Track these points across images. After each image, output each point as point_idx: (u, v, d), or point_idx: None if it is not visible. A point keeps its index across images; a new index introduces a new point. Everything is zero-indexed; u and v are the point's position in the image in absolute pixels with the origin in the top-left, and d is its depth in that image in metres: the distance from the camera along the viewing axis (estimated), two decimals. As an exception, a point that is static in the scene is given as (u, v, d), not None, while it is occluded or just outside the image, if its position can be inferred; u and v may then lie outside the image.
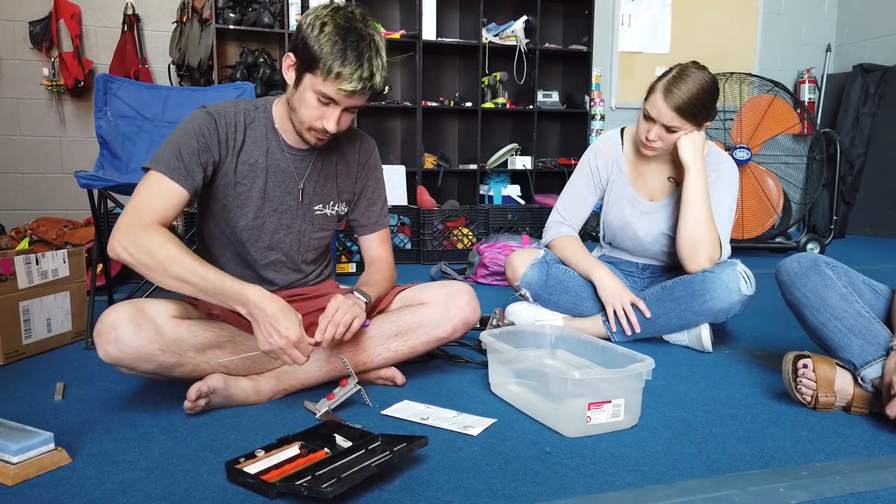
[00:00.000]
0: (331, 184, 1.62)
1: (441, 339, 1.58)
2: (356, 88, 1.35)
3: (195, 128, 1.44)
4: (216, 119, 1.46)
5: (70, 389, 1.56)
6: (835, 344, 1.46)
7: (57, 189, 4.00)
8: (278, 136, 1.53)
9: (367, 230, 1.71)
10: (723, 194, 1.98)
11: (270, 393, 1.47)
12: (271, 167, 1.53)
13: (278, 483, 1.04)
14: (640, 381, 1.36)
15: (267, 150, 1.52)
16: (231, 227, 1.55)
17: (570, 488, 1.10)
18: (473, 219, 3.82)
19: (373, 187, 1.69)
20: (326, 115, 1.41)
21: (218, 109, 1.48)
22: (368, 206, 1.70)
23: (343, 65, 1.33)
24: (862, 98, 5.14)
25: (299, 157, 1.56)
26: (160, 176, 1.39)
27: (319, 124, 1.42)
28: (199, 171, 1.42)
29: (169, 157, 1.41)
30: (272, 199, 1.54)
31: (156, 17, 4.05)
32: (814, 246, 4.01)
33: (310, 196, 1.59)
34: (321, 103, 1.39)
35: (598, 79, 4.93)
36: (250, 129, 1.51)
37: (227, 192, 1.51)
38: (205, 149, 1.44)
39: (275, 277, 1.62)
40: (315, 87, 1.37)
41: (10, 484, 1.08)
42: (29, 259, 1.88)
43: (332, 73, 1.34)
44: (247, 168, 1.51)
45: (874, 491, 1.10)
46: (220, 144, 1.46)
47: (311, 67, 1.36)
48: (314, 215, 1.61)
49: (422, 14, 4.13)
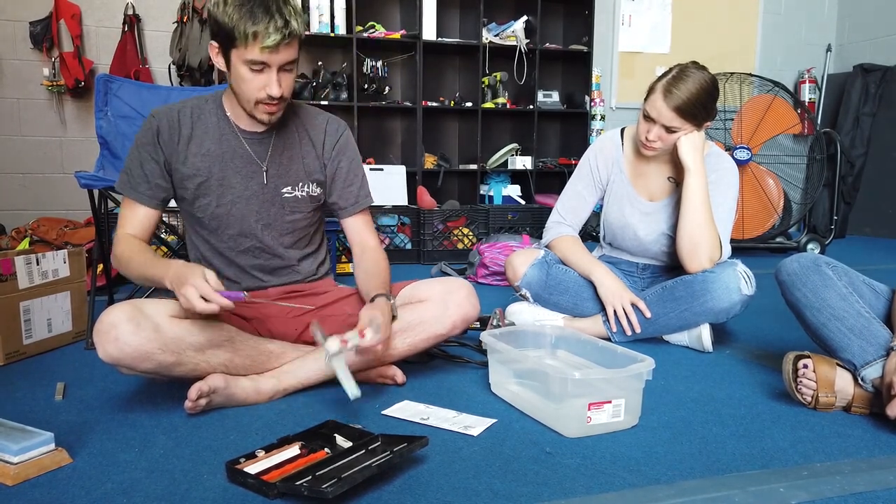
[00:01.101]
0: (296, 165, 1.61)
1: (440, 335, 1.57)
2: (277, 41, 1.37)
3: (139, 140, 1.54)
4: (158, 121, 1.53)
5: (70, 389, 1.56)
6: (835, 344, 1.46)
7: (57, 189, 4.00)
8: (231, 124, 1.56)
9: (347, 212, 1.69)
10: (723, 194, 1.98)
11: (271, 392, 1.47)
12: (227, 154, 1.55)
13: (279, 483, 1.05)
14: (640, 381, 1.36)
15: (220, 138, 1.55)
16: (198, 219, 1.58)
17: (570, 488, 1.10)
18: (474, 219, 3.82)
19: (346, 167, 1.67)
20: (266, 81, 1.42)
21: (162, 110, 1.55)
22: (345, 187, 1.67)
23: (256, 23, 1.35)
24: (862, 98, 5.14)
25: (257, 141, 1.58)
26: (127, 199, 1.55)
27: (263, 93, 1.43)
28: (147, 182, 1.53)
29: (127, 179, 1.54)
30: (234, 186, 1.56)
31: (156, 18, 4.05)
32: (814, 246, 4.01)
33: (275, 179, 1.59)
34: (255, 72, 1.41)
35: (599, 79, 4.93)
36: (199, 120, 1.55)
37: (185, 184, 1.55)
38: (149, 158, 1.52)
39: (255, 264, 1.62)
40: (242, 59, 1.40)
41: (11, 484, 1.08)
42: (29, 259, 1.88)
43: (249, 36, 1.36)
44: (199, 159, 1.54)
45: (874, 491, 1.10)
46: (164, 145, 1.53)
47: (231, 42, 1.39)
48: (283, 199, 1.60)
49: (422, 14, 4.12)
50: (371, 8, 4.27)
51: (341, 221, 1.72)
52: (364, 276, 1.61)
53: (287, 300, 1.58)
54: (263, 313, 1.61)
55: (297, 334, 1.61)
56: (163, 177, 1.53)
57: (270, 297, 1.59)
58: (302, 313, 1.62)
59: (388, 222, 3.70)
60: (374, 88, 4.18)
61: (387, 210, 3.69)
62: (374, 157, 4.34)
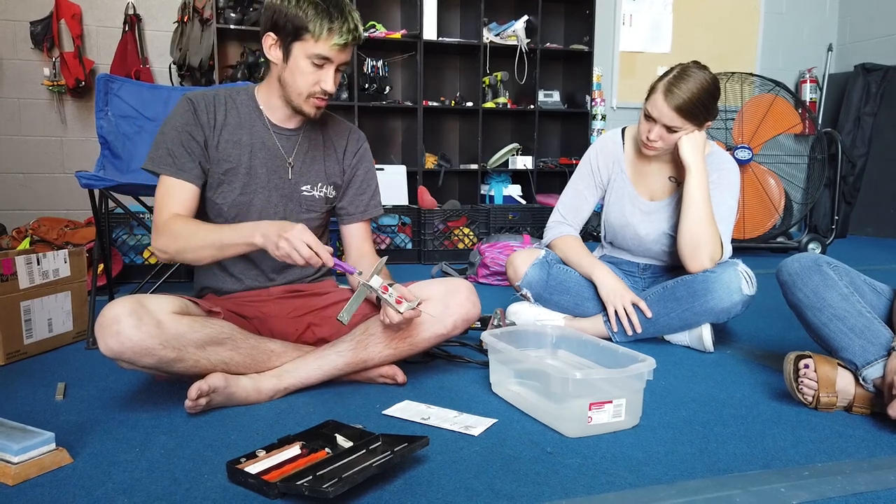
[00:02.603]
0: (318, 166, 1.66)
1: (441, 335, 1.57)
2: (347, 40, 1.47)
3: (176, 120, 1.54)
4: (195, 103, 1.55)
5: (71, 389, 1.56)
6: (836, 344, 1.46)
7: (58, 189, 4.00)
8: (263, 116, 1.60)
9: (353, 218, 1.72)
10: (724, 194, 1.97)
11: (271, 392, 1.47)
12: (256, 144, 1.59)
13: (279, 483, 1.04)
14: (641, 381, 1.36)
15: (252, 129, 1.59)
16: (217, 206, 1.58)
17: (571, 489, 1.09)
18: (474, 219, 3.82)
19: (362, 176, 1.73)
20: (322, 76, 1.50)
21: (197, 94, 1.58)
22: (357, 195, 1.73)
23: (332, 21, 1.45)
24: (863, 98, 5.14)
25: (285, 136, 1.62)
26: (164, 177, 1.53)
27: (318, 88, 1.51)
28: (192, 160, 1.53)
29: (164, 156, 1.53)
30: (259, 176, 1.59)
31: (157, 17, 4.05)
32: (815, 246, 4.01)
33: (297, 176, 1.63)
34: (316, 66, 1.49)
35: (600, 78, 4.93)
36: (232, 109, 1.59)
37: (214, 168, 1.56)
38: (189, 138, 1.53)
39: (263, 260, 1.62)
40: (308, 52, 1.47)
41: (12, 484, 1.08)
42: (30, 259, 1.88)
43: (325, 32, 1.44)
44: (231, 145, 1.57)
45: (876, 491, 1.09)
46: (203, 126, 1.55)
47: (298, 36, 1.46)
48: (301, 196, 1.64)
49: (423, 14, 4.13)
50: (371, 7, 4.27)
51: (342, 227, 1.75)
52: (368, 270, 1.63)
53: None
54: (264, 312, 1.61)
55: (297, 334, 1.61)
56: (204, 156, 1.55)
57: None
58: (302, 313, 1.63)
59: (389, 222, 3.70)
60: (374, 88, 4.18)
61: (387, 210, 3.69)
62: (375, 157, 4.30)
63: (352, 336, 1.54)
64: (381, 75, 4.21)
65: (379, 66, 4.19)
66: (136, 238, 3.03)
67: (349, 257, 1.72)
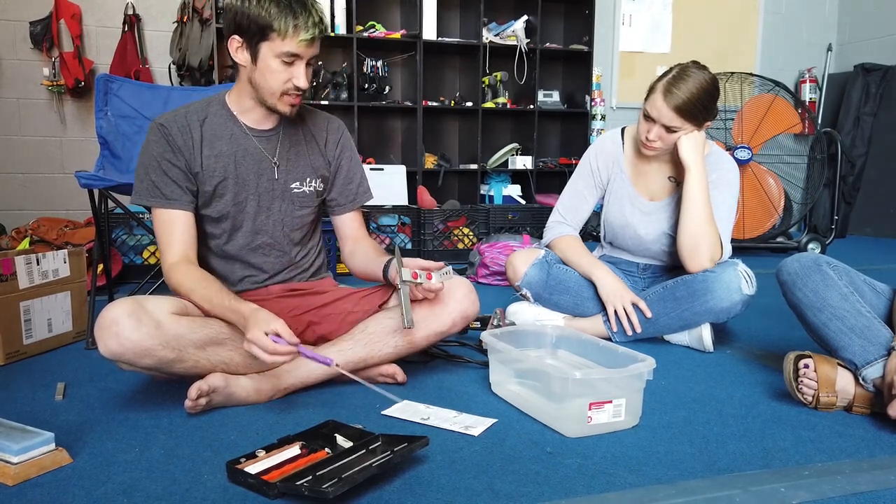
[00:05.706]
0: (303, 161, 1.66)
1: (440, 332, 1.58)
2: (314, 34, 1.46)
3: (152, 150, 1.53)
4: (167, 128, 1.53)
5: (71, 389, 1.56)
6: (836, 344, 1.46)
7: (57, 189, 4.00)
8: (238, 122, 1.59)
9: (344, 209, 1.73)
10: (723, 194, 1.97)
11: (271, 392, 1.47)
12: (239, 152, 1.58)
13: (279, 483, 1.04)
14: (641, 381, 1.36)
15: (231, 137, 1.58)
16: (213, 219, 1.58)
17: (571, 488, 1.09)
18: (474, 219, 3.82)
19: (347, 165, 1.73)
20: (293, 73, 1.48)
21: (168, 118, 1.56)
22: (345, 185, 1.73)
23: (296, 17, 1.43)
24: (863, 98, 5.14)
25: (265, 138, 1.61)
26: (156, 210, 1.53)
27: (289, 85, 1.49)
28: (178, 187, 1.52)
29: (149, 188, 1.52)
30: (248, 183, 1.59)
31: (156, 17, 4.05)
32: (815, 246, 4.01)
33: (284, 175, 1.63)
34: (286, 64, 1.47)
35: (599, 78, 4.93)
36: (206, 123, 1.57)
37: (202, 188, 1.56)
38: (169, 165, 1.52)
39: (264, 262, 1.64)
40: (276, 51, 1.46)
41: (11, 484, 1.08)
42: (30, 259, 1.88)
43: (290, 29, 1.43)
44: (213, 160, 1.55)
45: (875, 491, 1.09)
46: (181, 150, 1.54)
47: (264, 35, 1.45)
48: (293, 194, 1.64)
49: (422, 14, 4.12)
50: (371, 7, 4.26)
51: (334, 218, 1.75)
52: (366, 257, 1.65)
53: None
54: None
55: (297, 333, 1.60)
56: (188, 179, 1.53)
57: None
58: (302, 312, 1.63)
59: (389, 222, 3.70)
60: (374, 88, 4.18)
61: (387, 210, 3.69)
62: (375, 157, 4.34)
63: (351, 335, 1.54)
64: (381, 75, 4.21)
65: (378, 66, 4.19)
66: (136, 238, 3.03)
67: (346, 246, 1.74)
